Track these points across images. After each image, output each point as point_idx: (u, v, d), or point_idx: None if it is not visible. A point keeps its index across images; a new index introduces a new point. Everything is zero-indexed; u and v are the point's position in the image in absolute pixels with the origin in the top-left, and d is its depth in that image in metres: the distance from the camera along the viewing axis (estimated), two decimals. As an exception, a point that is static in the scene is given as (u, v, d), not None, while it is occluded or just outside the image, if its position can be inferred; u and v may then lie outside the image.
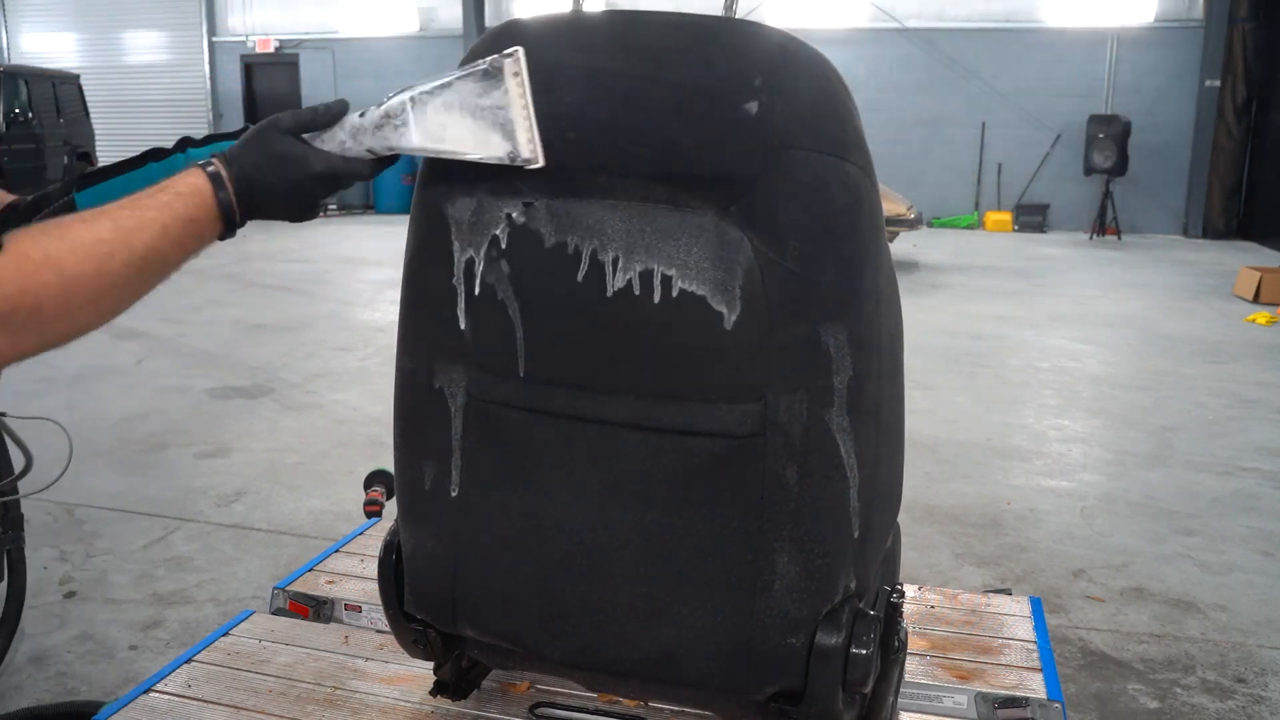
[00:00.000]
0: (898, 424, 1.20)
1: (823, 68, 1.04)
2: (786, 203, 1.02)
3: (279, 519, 3.89)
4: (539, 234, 1.11)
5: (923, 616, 1.78)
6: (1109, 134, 13.07)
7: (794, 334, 1.05)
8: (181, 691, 1.51)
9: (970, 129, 14.25)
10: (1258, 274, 8.77)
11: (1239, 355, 6.80)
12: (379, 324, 7.49)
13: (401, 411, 1.23)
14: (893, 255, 1.14)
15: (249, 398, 5.65)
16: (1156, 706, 2.69)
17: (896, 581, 1.34)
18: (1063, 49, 13.84)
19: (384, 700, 1.49)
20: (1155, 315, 8.20)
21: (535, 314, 1.14)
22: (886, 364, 1.11)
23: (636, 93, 1.04)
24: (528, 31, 1.11)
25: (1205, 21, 13.28)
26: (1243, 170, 13.38)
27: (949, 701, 1.50)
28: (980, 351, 6.87)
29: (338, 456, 4.60)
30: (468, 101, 1.04)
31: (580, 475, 1.16)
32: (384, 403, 1.27)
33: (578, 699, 1.47)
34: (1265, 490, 4.34)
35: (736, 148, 1.02)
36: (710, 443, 1.10)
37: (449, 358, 1.18)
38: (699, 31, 1.05)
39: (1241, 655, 2.97)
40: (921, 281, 9.70)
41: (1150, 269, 10.70)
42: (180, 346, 6.87)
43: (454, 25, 15.48)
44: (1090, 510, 4.11)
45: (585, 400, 1.14)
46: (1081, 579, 3.46)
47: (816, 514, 1.09)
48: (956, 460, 4.65)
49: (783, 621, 1.11)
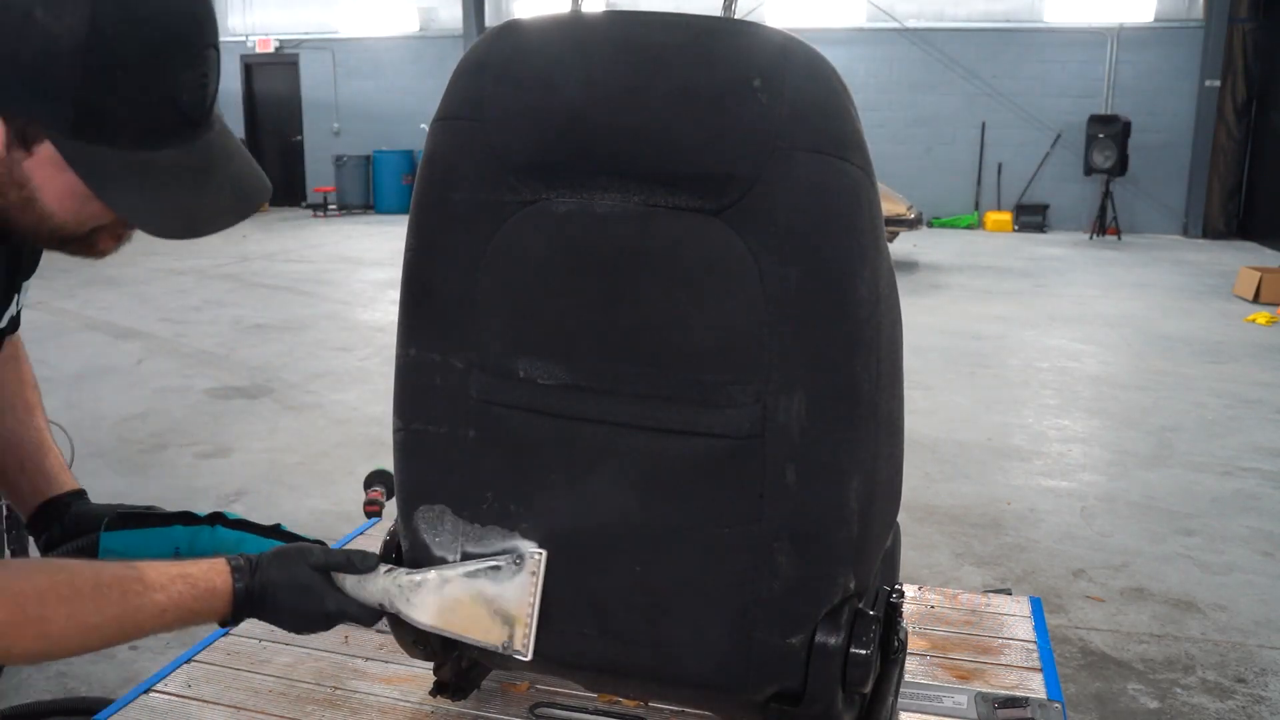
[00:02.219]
0: (897, 424, 1.19)
1: (822, 68, 1.03)
2: (786, 203, 1.02)
3: (279, 519, 3.86)
4: (538, 234, 1.11)
5: (923, 616, 1.78)
6: (1109, 134, 13.07)
7: (793, 334, 1.05)
8: (181, 691, 1.51)
9: (970, 129, 14.25)
10: (1258, 274, 8.77)
11: (1239, 355, 6.80)
12: (379, 324, 7.49)
13: (401, 411, 1.23)
14: (893, 255, 1.15)
15: (249, 398, 5.65)
16: (1156, 706, 2.69)
17: (896, 581, 1.34)
18: (1063, 49, 13.83)
19: (384, 700, 1.49)
20: (1155, 315, 8.20)
21: (535, 314, 1.14)
22: (886, 364, 1.11)
23: (636, 93, 1.04)
24: (527, 31, 1.11)
25: (1205, 21, 13.28)
26: (1243, 170, 13.37)
27: (949, 701, 1.50)
28: (980, 351, 6.87)
29: (338, 456, 4.61)
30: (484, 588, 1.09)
31: (580, 476, 1.16)
32: (384, 403, 1.27)
33: (578, 699, 1.47)
34: (1265, 490, 4.34)
35: (736, 148, 1.02)
36: (710, 443, 1.10)
37: (448, 358, 1.18)
38: (698, 32, 1.05)
39: (1241, 655, 2.97)
40: (921, 281, 9.70)
41: (1150, 269, 10.70)
42: (180, 346, 6.87)
43: (454, 25, 15.47)
44: (1090, 510, 4.11)
45: (585, 401, 1.14)
46: (1081, 579, 3.46)
47: (816, 514, 1.09)
48: (956, 460, 4.65)
49: (783, 621, 1.11)
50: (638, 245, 1.08)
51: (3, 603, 0.96)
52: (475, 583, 1.09)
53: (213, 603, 1.09)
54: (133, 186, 0.89)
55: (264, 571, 1.11)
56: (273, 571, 1.12)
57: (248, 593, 1.10)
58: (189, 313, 7.68)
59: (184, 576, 1.08)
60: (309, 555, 1.14)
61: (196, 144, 0.93)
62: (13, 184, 0.90)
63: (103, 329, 7.03)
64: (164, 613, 1.05)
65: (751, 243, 1.03)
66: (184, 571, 1.08)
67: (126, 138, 0.88)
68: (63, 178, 0.89)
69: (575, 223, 1.09)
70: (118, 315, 7.25)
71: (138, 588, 1.04)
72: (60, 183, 0.89)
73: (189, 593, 1.07)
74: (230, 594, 1.09)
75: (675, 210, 1.05)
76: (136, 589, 1.04)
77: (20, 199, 0.91)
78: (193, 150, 0.92)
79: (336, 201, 15.65)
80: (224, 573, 1.10)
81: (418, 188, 1.16)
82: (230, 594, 1.09)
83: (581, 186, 1.08)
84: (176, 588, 1.06)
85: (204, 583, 1.08)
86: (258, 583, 1.10)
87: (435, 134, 1.13)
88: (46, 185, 0.90)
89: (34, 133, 0.86)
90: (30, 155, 0.88)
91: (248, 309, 8.00)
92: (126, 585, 1.03)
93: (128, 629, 1.04)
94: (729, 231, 1.04)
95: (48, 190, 0.90)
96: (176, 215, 0.92)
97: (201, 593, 1.08)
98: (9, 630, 0.96)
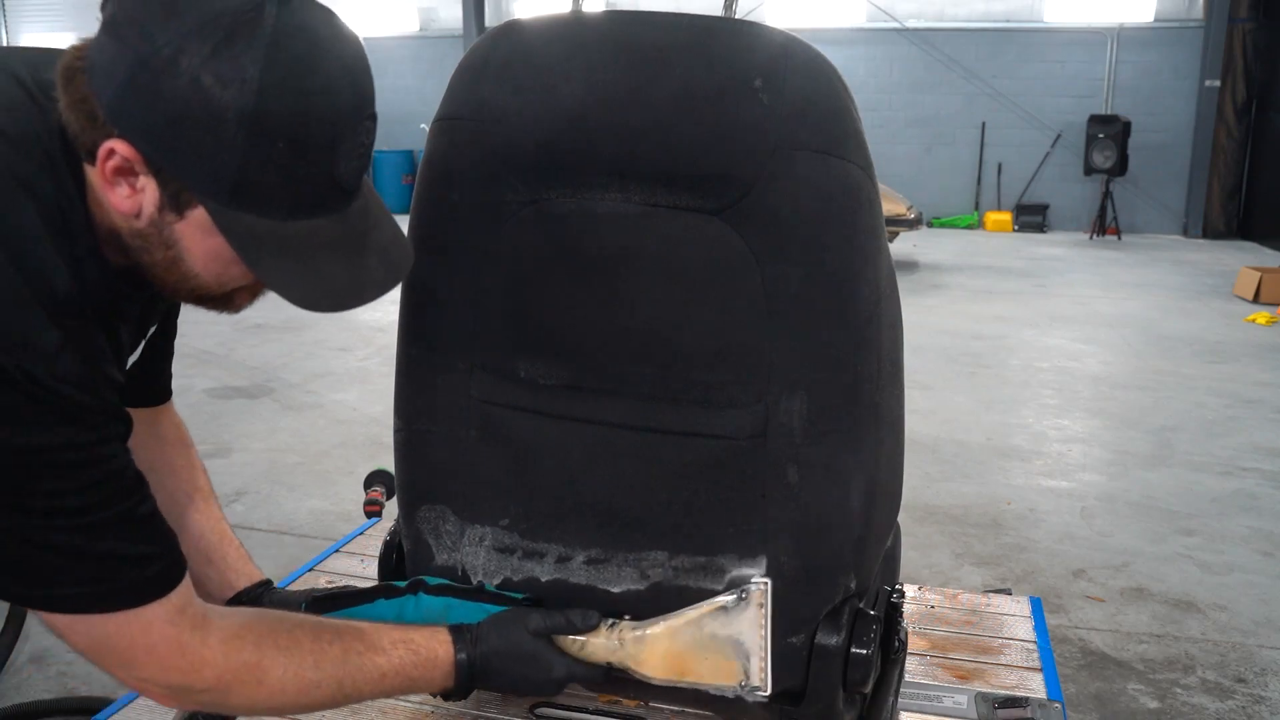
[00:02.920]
0: (898, 424, 1.20)
1: (823, 68, 1.03)
2: (786, 203, 1.02)
3: (279, 519, 3.88)
4: (540, 234, 1.11)
5: (923, 616, 1.78)
6: (1109, 134, 13.06)
7: (794, 334, 1.05)
8: (182, 691, 1.51)
9: (970, 129, 14.24)
10: (1258, 274, 8.76)
11: (1239, 355, 6.80)
12: (379, 324, 7.49)
13: (401, 411, 1.23)
14: (893, 255, 1.14)
15: (249, 398, 5.65)
16: (1156, 706, 2.69)
17: (896, 581, 1.34)
18: (1063, 49, 13.82)
19: (384, 700, 1.49)
20: (1155, 315, 8.19)
21: (535, 315, 1.14)
22: (886, 364, 1.11)
23: (636, 93, 1.04)
24: (528, 32, 1.11)
25: (1205, 21, 13.27)
26: (1243, 170, 13.36)
27: (949, 701, 1.50)
28: (980, 351, 6.87)
29: (338, 456, 4.61)
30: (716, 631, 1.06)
31: (581, 476, 1.16)
32: (384, 403, 1.27)
33: (578, 699, 1.47)
34: (1265, 490, 4.34)
35: (737, 148, 1.02)
36: (711, 444, 1.10)
37: (449, 358, 1.18)
38: (699, 32, 1.05)
39: (1241, 655, 2.97)
40: (921, 281, 9.70)
41: (1150, 269, 10.69)
42: (180, 346, 6.85)
43: (454, 25, 15.46)
44: (1090, 510, 4.11)
45: (586, 401, 1.14)
46: (1081, 579, 3.46)
47: (817, 514, 1.09)
48: (956, 460, 4.65)
49: (783, 621, 1.11)
50: (638, 245, 1.08)
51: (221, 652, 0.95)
52: (706, 627, 1.06)
53: (433, 672, 1.07)
54: (282, 256, 0.88)
55: (485, 641, 1.09)
56: (494, 640, 1.09)
57: (469, 664, 1.08)
58: (189, 312, 7.66)
59: (406, 642, 1.06)
60: (528, 621, 1.11)
61: (348, 213, 0.92)
62: (160, 244, 0.89)
63: (103, 329, 7.03)
64: (384, 677, 1.03)
65: (752, 243, 1.03)
66: (407, 636, 1.06)
67: (281, 207, 0.87)
68: (211, 242, 0.87)
69: (576, 223, 1.09)
70: (118, 315, 7.25)
71: (359, 647, 1.02)
72: (208, 247, 0.88)
73: (410, 659, 1.05)
74: (453, 664, 1.07)
75: (676, 210, 1.05)
76: (358, 648, 1.02)
77: (166, 259, 0.90)
78: (343, 219, 0.91)
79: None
80: (446, 642, 1.07)
81: (418, 188, 1.16)
82: (453, 664, 1.07)
83: (582, 187, 1.08)
84: (399, 653, 1.04)
85: (426, 650, 1.06)
86: (479, 653, 1.08)
87: (436, 134, 1.13)
88: (194, 248, 0.89)
89: (188, 198, 0.85)
90: (182, 219, 0.87)
91: (247, 309, 7.99)
92: (349, 643, 1.02)
93: (346, 689, 1.02)
94: (729, 231, 1.04)
95: (195, 253, 0.89)
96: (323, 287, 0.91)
97: (423, 660, 1.06)
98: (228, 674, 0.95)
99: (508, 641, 1.10)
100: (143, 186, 0.86)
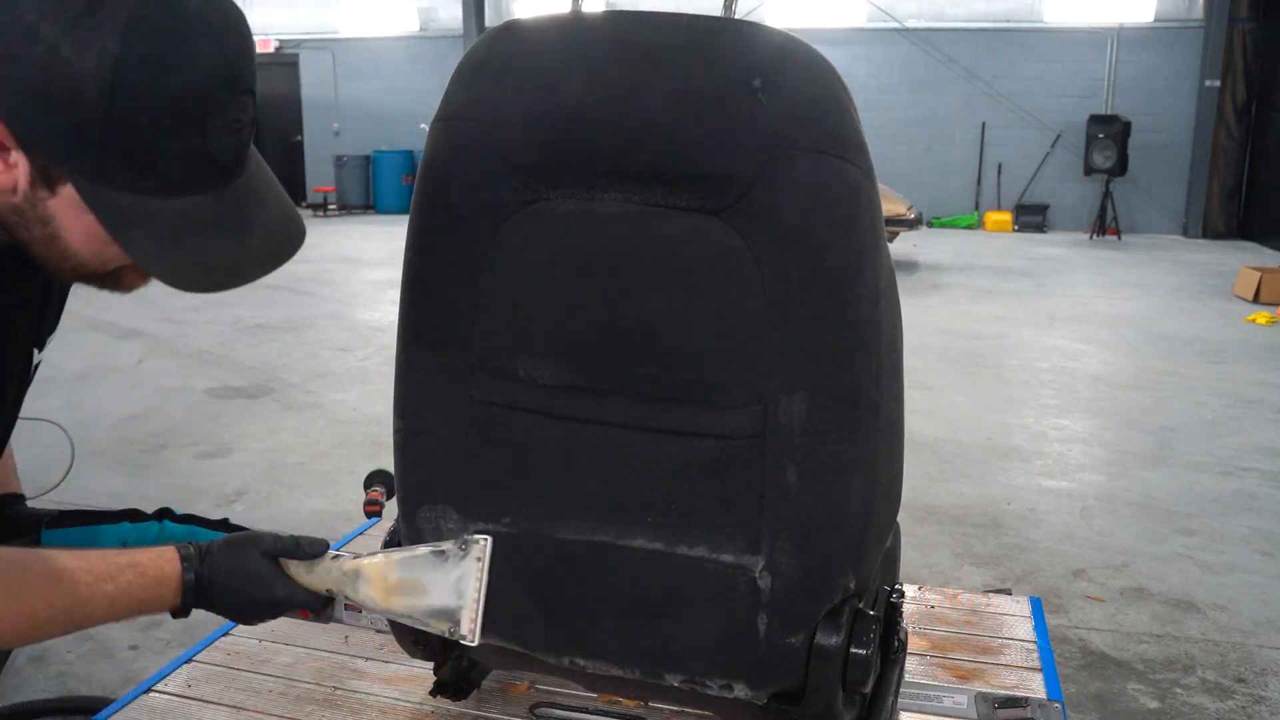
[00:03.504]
0: (898, 424, 1.20)
1: (822, 68, 1.03)
2: (786, 203, 1.02)
3: (279, 519, 3.88)
4: (539, 234, 1.11)
5: (923, 616, 1.78)
6: (1109, 134, 13.06)
7: (793, 334, 1.05)
8: (182, 691, 1.51)
9: (970, 129, 14.24)
10: (1258, 274, 8.76)
11: (1239, 355, 6.80)
12: (379, 324, 7.49)
13: (401, 411, 1.23)
14: (893, 255, 1.14)
15: (249, 398, 5.66)
16: (1156, 706, 2.69)
17: (896, 581, 1.34)
18: (1063, 49, 13.83)
19: (384, 700, 1.49)
20: (1155, 315, 8.19)
21: (535, 315, 1.14)
22: (886, 364, 1.11)
23: (636, 93, 1.04)
24: (527, 31, 1.11)
25: (1205, 21, 13.27)
26: (1243, 170, 13.37)
27: (949, 701, 1.50)
28: (980, 351, 6.87)
29: (338, 456, 4.61)
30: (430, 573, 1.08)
31: (581, 476, 1.16)
32: (384, 403, 1.27)
33: (578, 699, 1.47)
34: (1265, 490, 4.34)
35: (736, 148, 1.02)
36: (710, 444, 1.10)
37: (449, 358, 1.18)
38: (698, 32, 1.05)
39: (1241, 655, 2.98)
40: (921, 281, 9.70)
41: (1150, 269, 10.69)
42: (180, 346, 6.87)
43: (454, 25, 15.46)
44: (1090, 510, 4.11)
45: (586, 401, 1.14)
46: (1081, 579, 3.46)
47: (817, 514, 1.09)
48: (956, 460, 4.65)
49: (783, 621, 1.11)
50: (638, 245, 1.08)
51: None
52: (420, 567, 1.08)
53: (162, 591, 1.04)
54: (155, 234, 0.87)
55: (213, 559, 1.07)
56: (222, 559, 1.08)
57: (197, 581, 1.06)
58: (189, 313, 7.67)
59: (133, 565, 1.03)
60: (258, 542, 1.11)
61: (227, 190, 0.90)
62: (36, 220, 0.88)
63: (103, 329, 7.02)
64: (113, 603, 1.01)
65: (752, 242, 1.03)
66: (133, 560, 1.04)
67: (151, 184, 0.85)
68: (85, 219, 0.87)
69: (576, 223, 1.09)
70: (118, 315, 7.24)
71: (87, 579, 1.00)
72: (83, 224, 0.87)
73: (138, 582, 1.03)
74: (179, 582, 1.05)
75: (676, 210, 1.05)
76: (86, 580, 1.00)
77: (44, 235, 0.89)
78: (223, 197, 0.89)
79: (336, 201, 15.64)
80: (173, 560, 1.05)
81: (418, 188, 1.16)
82: (179, 582, 1.05)
83: (582, 187, 1.08)
84: (126, 577, 1.02)
85: (153, 571, 1.04)
86: (207, 570, 1.06)
87: (435, 134, 1.13)
88: (69, 225, 0.88)
89: (56, 173, 0.85)
90: (54, 195, 0.86)
91: (247, 309, 8.00)
92: (76, 576, 0.99)
93: (76, 619, 1.00)
94: (729, 231, 1.04)
95: (71, 230, 0.88)
96: (197, 266, 0.90)
97: (151, 581, 1.04)
98: None
99: (235, 561, 1.08)
100: (15, 162, 0.84)
